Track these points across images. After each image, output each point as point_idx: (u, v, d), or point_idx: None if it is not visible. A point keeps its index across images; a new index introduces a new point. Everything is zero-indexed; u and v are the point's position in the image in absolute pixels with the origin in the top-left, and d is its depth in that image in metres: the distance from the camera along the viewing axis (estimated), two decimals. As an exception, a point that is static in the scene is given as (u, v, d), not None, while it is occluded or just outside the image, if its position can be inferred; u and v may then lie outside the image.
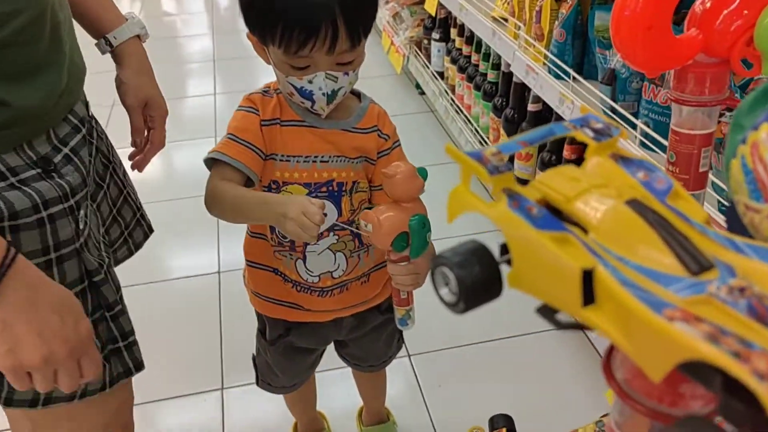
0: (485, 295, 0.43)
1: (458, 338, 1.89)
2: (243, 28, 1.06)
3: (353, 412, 1.63)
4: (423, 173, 1.00)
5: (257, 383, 1.37)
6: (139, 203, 1.16)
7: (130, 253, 1.14)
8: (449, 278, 0.43)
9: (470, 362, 1.83)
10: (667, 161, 0.92)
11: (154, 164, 1.21)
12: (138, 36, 1.12)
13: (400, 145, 1.17)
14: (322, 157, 1.09)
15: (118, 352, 0.96)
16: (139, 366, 1.00)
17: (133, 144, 1.16)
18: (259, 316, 1.29)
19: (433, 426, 1.64)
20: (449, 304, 0.44)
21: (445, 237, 0.90)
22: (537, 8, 1.83)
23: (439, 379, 1.78)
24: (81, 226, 0.89)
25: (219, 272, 2.20)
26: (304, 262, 1.14)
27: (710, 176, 1.01)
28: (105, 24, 1.09)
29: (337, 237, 1.13)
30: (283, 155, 1.09)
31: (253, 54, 1.08)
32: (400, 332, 1.37)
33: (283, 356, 1.28)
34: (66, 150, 0.90)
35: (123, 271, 1.06)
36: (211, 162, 1.08)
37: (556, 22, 1.75)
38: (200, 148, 1.40)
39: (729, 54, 0.80)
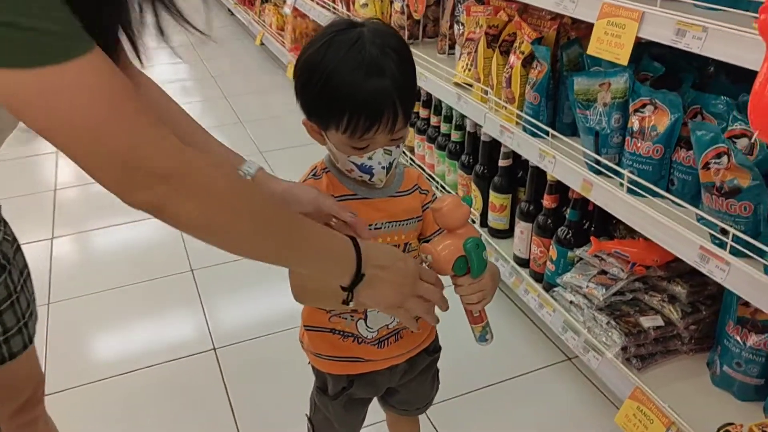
0: None
1: (466, 385, 1.98)
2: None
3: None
4: (468, 200, 1.09)
5: None
6: (28, 311, 1.08)
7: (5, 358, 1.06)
8: None
9: (483, 406, 1.92)
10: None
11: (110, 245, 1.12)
12: None
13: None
14: (376, 224, 1.18)
15: None
16: None
17: None
18: (319, 374, 1.36)
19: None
20: None
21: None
22: (506, 75, 2.02)
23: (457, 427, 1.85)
24: None
25: (214, 349, 2.18)
26: (365, 321, 1.23)
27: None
28: None
29: None
30: None
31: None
32: (437, 374, 1.46)
33: (344, 409, 1.36)
34: None
35: (102, 363, 0.99)
36: None
37: (528, 86, 1.94)
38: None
39: None
